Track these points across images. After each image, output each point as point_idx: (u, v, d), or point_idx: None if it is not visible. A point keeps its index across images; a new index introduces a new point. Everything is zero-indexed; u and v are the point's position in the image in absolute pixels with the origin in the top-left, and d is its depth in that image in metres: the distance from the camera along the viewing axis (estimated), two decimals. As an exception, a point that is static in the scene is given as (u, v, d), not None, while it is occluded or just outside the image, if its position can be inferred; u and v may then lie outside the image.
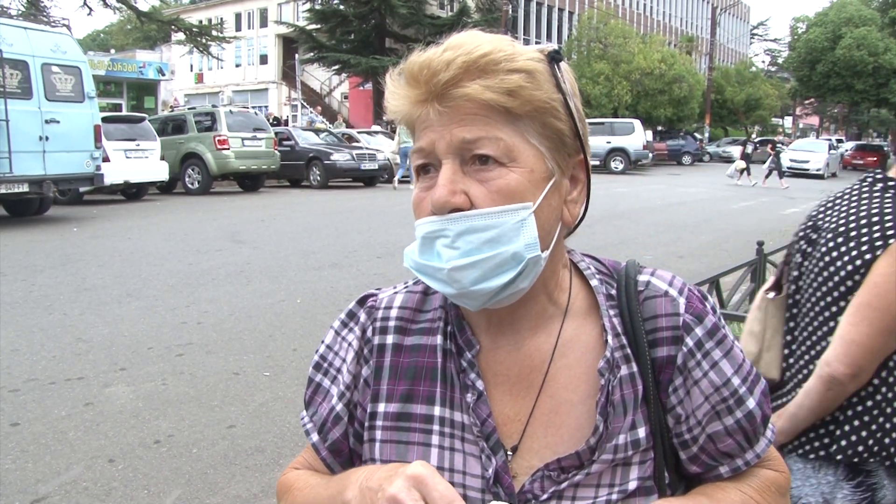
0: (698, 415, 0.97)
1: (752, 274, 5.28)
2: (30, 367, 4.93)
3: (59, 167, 11.85)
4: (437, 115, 0.89)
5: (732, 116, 52.73)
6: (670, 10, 61.62)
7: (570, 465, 0.94)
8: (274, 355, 5.32)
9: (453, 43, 0.90)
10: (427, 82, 0.88)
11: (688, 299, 0.99)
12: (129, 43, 62.58)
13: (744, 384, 0.98)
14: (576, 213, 0.97)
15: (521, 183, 0.89)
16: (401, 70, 0.92)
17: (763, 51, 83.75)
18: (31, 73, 11.43)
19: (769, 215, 15.30)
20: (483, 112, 0.88)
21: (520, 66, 0.88)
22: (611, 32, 39.48)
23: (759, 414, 0.99)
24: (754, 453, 1.00)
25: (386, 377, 1.03)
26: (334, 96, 46.19)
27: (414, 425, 1.00)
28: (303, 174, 20.53)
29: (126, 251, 9.36)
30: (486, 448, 0.96)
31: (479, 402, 0.97)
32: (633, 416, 0.95)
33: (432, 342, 1.02)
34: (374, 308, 1.08)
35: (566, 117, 0.92)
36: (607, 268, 1.05)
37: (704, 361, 0.97)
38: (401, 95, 0.92)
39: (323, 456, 1.07)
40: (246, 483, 3.50)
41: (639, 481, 0.95)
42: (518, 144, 0.89)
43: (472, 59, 0.87)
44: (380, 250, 9.52)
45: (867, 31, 39.80)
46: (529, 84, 0.88)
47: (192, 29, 27.53)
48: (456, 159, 0.89)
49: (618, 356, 0.96)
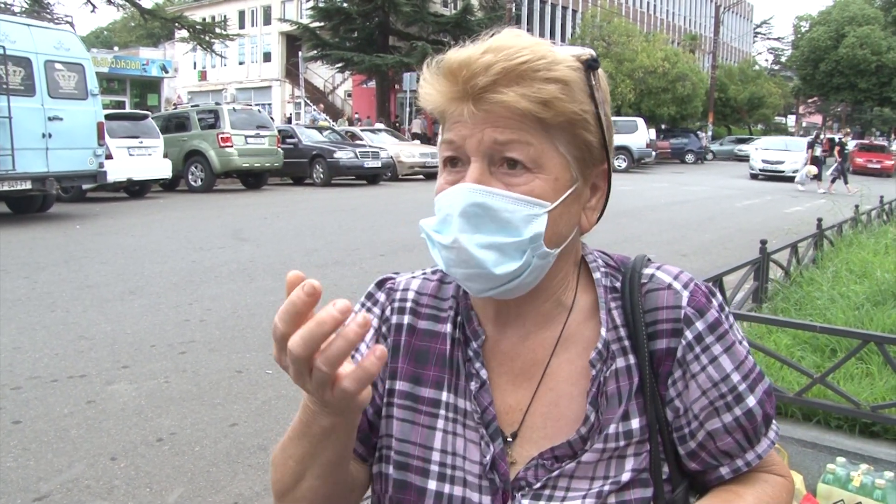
0: (695, 409, 0.97)
1: (756, 272, 5.27)
2: (32, 365, 4.93)
3: (62, 164, 11.84)
4: (470, 114, 0.90)
5: (736, 115, 52.68)
6: (674, 8, 61.52)
7: (562, 454, 0.96)
8: (276, 353, 5.31)
9: (494, 45, 0.90)
10: (465, 82, 0.89)
11: (692, 293, 0.99)
12: (133, 40, 62.63)
13: (744, 381, 0.97)
14: (593, 219, 1.00)
15: (544, 190, 0.91)
16: (438, 63, 0.93)
17: (766, 49, 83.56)
18: (34, 71, 11.43)
19: (773, 214, 15.27)
20: (517, 117, 0.89)
21: (557, 75, 0.89)
22: (614, 31, 39.43)
23: (759, 413, 0.98)
24: (755, 454, 0.99)
25: (400, 356, 1.06)
26: (338, 94, 46.18)
27: (421, 407, 1.03)
28: (306, 172, 20.51)
29: (129, 248, 9.36)
30: (486, 435, 0.99)
31: (482, 390, 1.00)
32: (627, 406, 0.96)
33: (443, 330, 1.05)
34: (392, 290, 1.12)
35: (596, 128, 0.94)
36: (615, 262, 1.07)
37: (703, 355, 0.97)
38: (436, 87, 0.93)
39: None
40: (248, 481, 3.50)
41: (633, 473, 0.95)
42: (547, 152, 0.91)
43: (512, 65, 0.88)
44: (383, 248, 9.51)
45: (870, 30, 39.72)
46: (564, 96, 0.90)
47: (195, 26, 27.53)
48: (484, 160, 0.91)
49: (615, 348, 0.98)
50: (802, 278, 5.77)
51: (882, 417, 2.92)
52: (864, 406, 2.96)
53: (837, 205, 9.14)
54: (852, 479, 2.59)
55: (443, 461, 1.00)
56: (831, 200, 9.44)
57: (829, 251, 7.11)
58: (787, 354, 3.62)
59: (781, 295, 5.37)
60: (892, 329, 4.10)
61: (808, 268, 6.28)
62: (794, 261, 6.16)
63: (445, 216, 0.92)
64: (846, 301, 4.71)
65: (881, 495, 2.51)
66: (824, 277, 5.60)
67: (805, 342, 3.94)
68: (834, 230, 7.79)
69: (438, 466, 1.00)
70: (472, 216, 0.90)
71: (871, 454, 2.84)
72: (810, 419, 3.17)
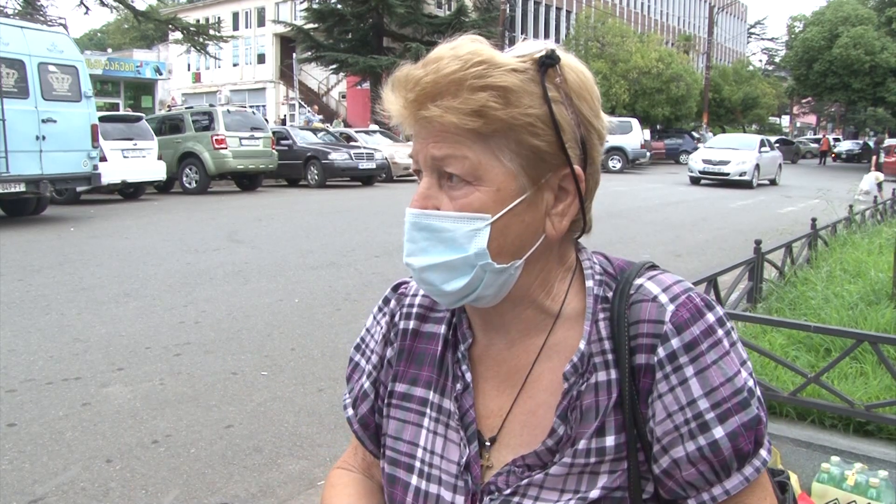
0: (658, 432, 0.92)
1: (750, 272, 5.29)
2: (27, 368, 4.91)
3: (56, 167, 11.81)
4: (416, 128, 0.92)
5: (730, 115, 52.77)
6: (668, 9, 61.63)
7: (533, 463, 0.96)
8: (272, 355, 5.31)
9: (432, 57, 0.90)
10: (404, 97, 0.90)
11: (678, 307, 0.92)
12: (127, 42, 62.52)
13: (713, 409, 0.89)
14: (561, 226, 0.95)
15: (483, 202, 0.90)
16: (391, 77, 0.94)
17: (760, 50, 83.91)
18: (27, 73, 11.39)
19: (766, 214, 15.30)
20: (451, 130, 0.88)
21: (490, 83, 0.87)
22: (608, 31, 39.50)
23: (727, 446, 0.89)
24: (723, 489, 0.90)
25: (403, 359, 1.10)
26: (332, 95, 46.15)
27: (412, 406, 1.07)
28: (301, 173, 20.50)
29: (123, 251, 9.34)
30: (464, 437, 1.00)
31: (465, 392, 1.02)
32: (603, 422, 0.93)
33: (439, 331, 1.07)
34: (403, 294, 1.15)
35: (548, 131, 0.89)
36: (615, 269, 1.02)
37: (673, 376, 0.90)
38: (390, 101, 0.94)
39: (355, 429, 1.16)
40: (244, 483, 3.49)
41: (603, 491, 0.92)
42: (485, 163, 0.89)
43: (441, 77, 0.88)
44: (378, 250, 9.51)
45: (864, 31, 39.82)
46: (497, 103, 0.87)
47: (189, 28, 27.45)
48: (433, 173, 0.92)
49: (597, 361, 0.94)
50: (797, 278, 5.78)
51: (876, 416, 2.93)
52: (858, 405, 2.97)
53: (831, 205, 9.16)
54: (847, 477, 2.60)
55: (424, 458, 1.03)
56: (825, 200, 9.47)
57: (824, 251, 7.13)
58: (782, 354, 3.63)
59: (776, 295, 5.39)
60: (885, 328, 4.11)
61: (803, 267, 6.30)
62: (788, 261, 6.17)
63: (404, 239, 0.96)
64: (840, 301, 4.73)
65: (875, 494, 2.52)
66: (818, 277, 5.62)
67: (799, 342, 3.95)
68: (828, 230, 7.81)
69: (421, 463, 1.03)
70: (418, 239, 0.93)
71: (865, 453, 2.85)
72: (805, 418, 3.18)
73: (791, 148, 45.22)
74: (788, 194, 20.79)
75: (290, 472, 3.60)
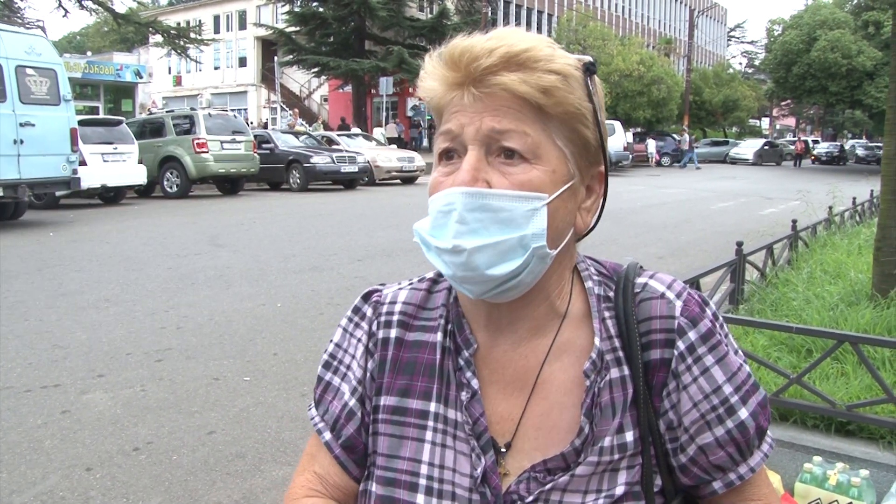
0: (686, 422, 0.96)
1: (732, 274, 5.31)
2: (4, 375, 4.84)
3: (35, 171, 11.68)
4: (470, 100, 0.91)
5: (711, 118, 53.21)
6: (648, 12, 62.08)
7: (555, 466, 0.94)
8: (254, 360, 5.27)
9: (498, 34, 0.92)
10: (467, 66, 0.90)
11: (685, 302, 0.98)
12: (106, 45, 61.97)
13: (736, 393, 0.96)
14: (588, 221, 0.99)
15: (541, 181, 0.90)
16: (441, 52, 0.93)
17: (740, 53, 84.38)
18: (4, 76, 11.27)
19: (748, 216, 15.42)
20: (516, 106, 0.89)
21: (557, 67, 0.90)
22: (590, 35, 39.68)
23: (752, 425, 0.96)
24: (748, 467, 0.97)
25: (387, 370, 1.04)
26: (314, 99, 46.05)
27: (409, 420, 1.01)
28: (282, 177, 20.38)
29: (104, 256, 9.25)
30: (477, 447, 0.96)
31: (473, 400, 0.98)
32: (622, 419, 0.94)
33: (433, 339, 1.03)
34: (378, 303, 1.10)
35: (594, 126, 0.94)
36: (607, 269, 1.05)
37: (695, 367, 0.95)
38: (437, 76, 0.93)
39: (336, 454, 1.06)
40: (227, 490, 3.46)
41: (626, 486, 0.93)
42: (544, 143, 0.91)
43: (514, 52, 0.89)
44: (360, 253, 9.48)
45: (841, 34, 40.18)
46: (564, 87, 0.90)
47: (169, 31, 27.33)
48: (482, 148, 0.91)
49: (609, 358, 0.96)
50: (778, 279, 5.82)
51: (857, 416, 2.95)
52: (839, 405, 2.99)
53: (811, 206, 9.25)
54: (829, 477, 2.62)
55: (431, 474, 0.97)
56: (805, 202, 9.55)
57: (804, 252, 7.19)
58: (764, 355, 3.65)
59: (758, 296, 5.42)
60: (866, 329, 4.15)
61: (784, 269, 6.35)
62: (769, 262, 6.22)
63: (441, 220, 0.91)
64: (821, 302, 4.77)
65: (857, 493, 2.54)
66: (799, 278, 5.66)
67: (781, 343, 3.98)
68: (808, 231, 7.88)
69: (427, 480, 0.97)
70: (470, 220, 0.88)
71: (846, 453, 2.88)
72: (787, 419, 3.20)
73: (776, 150, 45.72)
74: (769, 196, 20.97)
75: (274, 478, 3.57)
